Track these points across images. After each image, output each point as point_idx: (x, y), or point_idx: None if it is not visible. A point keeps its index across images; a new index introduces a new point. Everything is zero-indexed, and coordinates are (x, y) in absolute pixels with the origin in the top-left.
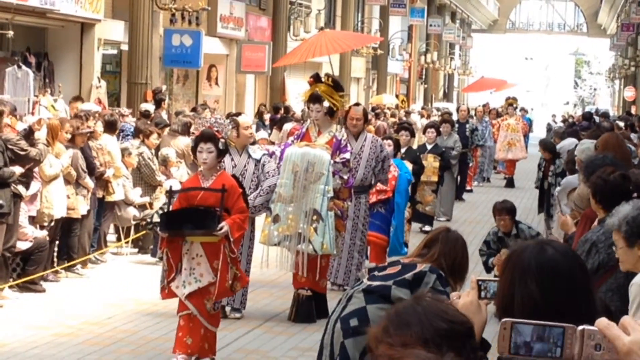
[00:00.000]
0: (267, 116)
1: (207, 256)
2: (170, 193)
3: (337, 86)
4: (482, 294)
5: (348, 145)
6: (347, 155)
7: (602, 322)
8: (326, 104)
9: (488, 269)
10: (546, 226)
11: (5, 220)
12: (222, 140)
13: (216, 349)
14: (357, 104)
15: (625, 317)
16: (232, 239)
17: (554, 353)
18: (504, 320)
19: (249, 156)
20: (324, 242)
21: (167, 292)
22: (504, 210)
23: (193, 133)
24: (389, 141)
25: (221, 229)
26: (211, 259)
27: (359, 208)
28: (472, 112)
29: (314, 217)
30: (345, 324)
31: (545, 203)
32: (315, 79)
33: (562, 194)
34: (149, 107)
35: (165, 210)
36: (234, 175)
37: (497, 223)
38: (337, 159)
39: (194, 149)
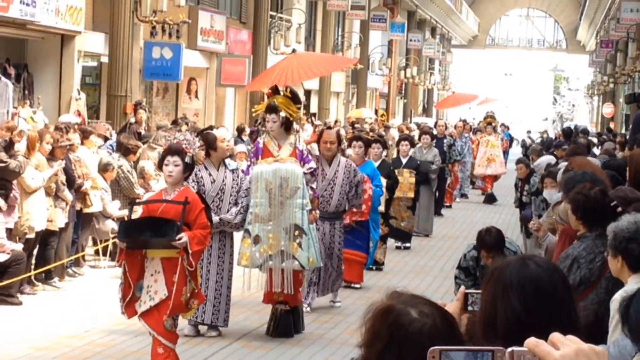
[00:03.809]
0: (247, 130)
1: (165, 271)
2: (131, 204)
3: (295, 98)
4: (470, 307)
5: (310, 154)
6: (312, 165)
7: (531, 341)
8: (282, 114)
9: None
10: (524, 245)
11: None
12: (190, 154)
13: None
14: (329, 127)
15: (554, 333)
16: (190, 252)
17: None
18: (432, 349)
19: (226, 169)
20: (310, 256)
21: (130, 309)
22: (494, 248)
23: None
24: (360, 142)
25: (180, 238)
26: (169, 274)
27: (333, 234)
28: (452, 129)
29: (296, 233)
30: None
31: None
32: (274, 90)
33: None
34: (136, 126)
35: (125, 219)
36: (198, 192)
37: (484, 260)
38: (305, 170)
39: (161, 162)
